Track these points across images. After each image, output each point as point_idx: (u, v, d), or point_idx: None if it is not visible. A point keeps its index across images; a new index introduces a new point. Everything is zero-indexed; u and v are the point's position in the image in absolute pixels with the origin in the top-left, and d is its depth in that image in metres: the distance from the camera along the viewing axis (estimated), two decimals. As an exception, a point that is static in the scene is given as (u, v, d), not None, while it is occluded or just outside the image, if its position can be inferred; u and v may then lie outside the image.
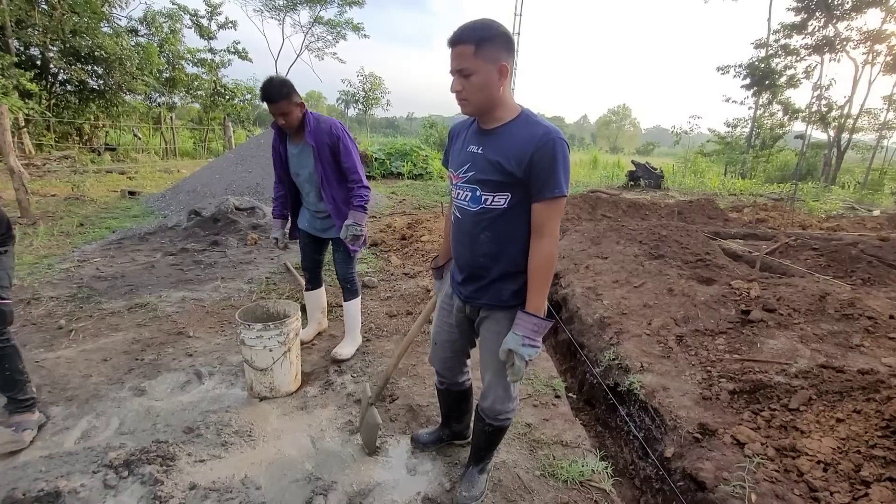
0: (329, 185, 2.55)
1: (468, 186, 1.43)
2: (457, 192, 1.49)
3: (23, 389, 2.05)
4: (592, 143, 64.70)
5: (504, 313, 1.52)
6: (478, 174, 1.40)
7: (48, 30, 13.34)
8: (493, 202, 1.40)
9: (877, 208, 12.56)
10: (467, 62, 1.28)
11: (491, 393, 1.61)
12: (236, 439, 2.07)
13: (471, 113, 1.40)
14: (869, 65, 19.43)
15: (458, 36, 1.28)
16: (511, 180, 1.35)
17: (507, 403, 1.63)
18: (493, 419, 1.65)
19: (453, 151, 1.54)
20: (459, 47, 1.28)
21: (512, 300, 1.50)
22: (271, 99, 2.32)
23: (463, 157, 1.46)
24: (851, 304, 3.01)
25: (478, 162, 1.40)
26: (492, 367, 1.58)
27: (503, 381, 1.58)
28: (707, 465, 1.99)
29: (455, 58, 1.29)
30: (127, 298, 3.67)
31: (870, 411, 2.00)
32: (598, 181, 16.77)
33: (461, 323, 1.68)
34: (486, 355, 1.60)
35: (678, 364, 2.74)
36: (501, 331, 1.51)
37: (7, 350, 1.97)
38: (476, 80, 1.29)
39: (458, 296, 1.63)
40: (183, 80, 19.22)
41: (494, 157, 1.36)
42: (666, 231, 5.14)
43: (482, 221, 1.43)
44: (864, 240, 6.16)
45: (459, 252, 1.54)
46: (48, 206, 6.99)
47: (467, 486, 1.78)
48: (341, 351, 2.87)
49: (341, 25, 22.24)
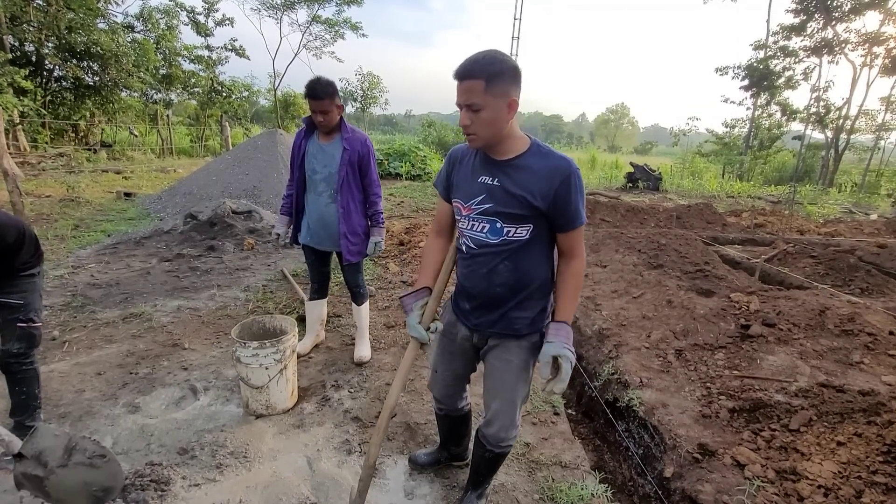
0: (347, 190, 2.63)
1: (485, 218, 1.41)
2: (469, 224, 1.45)
3: (32, 416, 2.03)
4: (591, 141, 64.73)
5: (516, 342, 1.52)
6: (498, 206, 1.38)
7: (43, 26, 13.22)
8: (514, 234, 1.40)
9: (874, 211, 12.60)
10: (477, 98, 1.25)
11: (497, 421, 1.59)
12: (231, 461, 2.04)
13: (479, 147, 1.39)
14: (867, 67, 19.48)
15: (467, 70, 1.25)
16: (534, 213, 1.37)
17: (512, 431, 1.61)
18: (496, 446, 1.63)
19: (458, 180, 1.49)
20: (468, 82, 1.25)
21: (525, 329, 1.50)
22: (317, 96, 2.41)
23: (475, 188, 1.42)
24: (851, 320, 3.00)
25: (496, 194, 1.38)
26: (500, 396, 1.56)
27: (511, 410, 1.57)
28: (707, 486, 1.98)
29: (464, 92, 1.26)
30: (122, 307, 3.63)
31: (871, 435, 1.98)
32: (597, 182, 16.77)
33: (466, 351, 1.65)
34: (493, 383, 1.58)
35: (677, 379, 2.73)
36: (512, 359, 1.52)
37: (29, 373, 1.97)
38: (485, 116, 1.28)
39: (464, 324, 1.60)
40: (179, 77, 19.10)
41: (518, 191, 1.35)
42: (665, 239, 5.13)
43: (503, 252, 1.42)
44: (862, 246, 6.17)
45: (473, 282, 1.50)
46: (42, 208, 6.93)
47: None
48: (362, 354, 3.00)
49: (339, 24, 22.09)
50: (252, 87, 22.96)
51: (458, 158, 1.52)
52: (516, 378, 1.54)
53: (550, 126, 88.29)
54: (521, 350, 1.52)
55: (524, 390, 1.58)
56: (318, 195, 2.67)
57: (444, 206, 1.61)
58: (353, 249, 2.71)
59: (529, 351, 1.53)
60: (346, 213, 2.63)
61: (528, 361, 1.55)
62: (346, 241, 2.67)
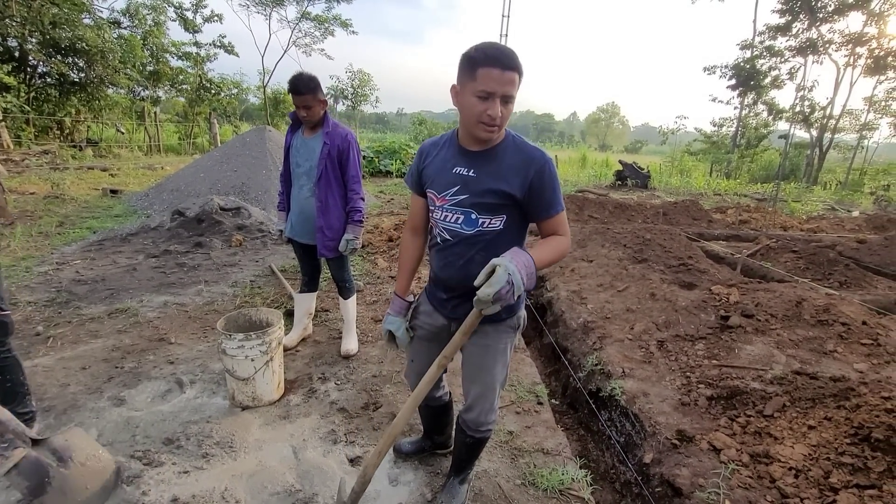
0: (325, 184, 2.63)
1: (459, 209, 1.42)
2: (443, 215, 1.45)
3: (23, 402, 2.03)
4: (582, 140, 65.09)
5: (493, 326, 1.54)
6: (473, 198, 1.39)
7: (27, 21, 12.97)
8: (489, 224, 1.42)
9: (856, 209, 12.86)
10: (515, 90, 1.27)
11: (477, 406, 1.62)
12: (217, 450, 2.06)
13: (495, 139, 1.38)
14: (850, 67, 19.84)
15: (513, 61, 1.23)
16: (508, 203, 1.39)
17: (491, 415, 1.64)
18: (476, 431, 1.67)
19: (431, 172, 1.49)
20: (512, 73, 1.24)
21: (503, 314, 1.51)
22: (299, 91, 2.44)
23: (449, 178, 1.42)
24: (826, 310, 3.09)
25: (471, 185, 1.39)
26: (480, 380, 1.59)
27: (490, 394, 1.60)
28: (684, 471, 2.03)
29: (507, 83, 1.24)
30: (107, 303, 3.61)
31: (840, 419, 2.05)
32: (587, 180, 16.90)
33: (442, 341, 1.63)
34: (472, 369, 1.61)
35: (659, 369, 2.79)
36: (490, 343, 1.55)
37: (9, 361, 1.97)
38: (511, 108, 1.31)
39: (441, 314, 1.62)
40: (167, 74, 18.87)
41: (494, 182, 1.36)
42: (650, 234, 5.20)
43: (478, 243, 1.43)
44: (843, 242, 6.31)
45: (449, 274, 1.52)
46: (26, 205, 6.83)
47: (448, 496, 1.80)
48: (350, 347, 3.01)
49: (329, 21, 21.99)
50: (241, 84, 22.76)
51: (428, 151, 1.53)
52: (494, 362, 1.56)
53: (542, 125, 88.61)
54: (498, 334, 1.54)
55: (503, 374, 1.61)
56: (300, 188, 2.71)
57: (418, 202, 1.62)
58: (329, 245, 2.70)
59: (507, 335, 1.57)
60: (324, 207, 2.64)
61: (506, 345, 1.58)
62: (322, 234, 2.68)
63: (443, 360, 1.45)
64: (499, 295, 1.19)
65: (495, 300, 1.21)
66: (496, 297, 1.20)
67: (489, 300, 1.20)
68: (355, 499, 1.57)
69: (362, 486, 1.56)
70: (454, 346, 1.43)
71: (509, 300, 1.22)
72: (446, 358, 1.45)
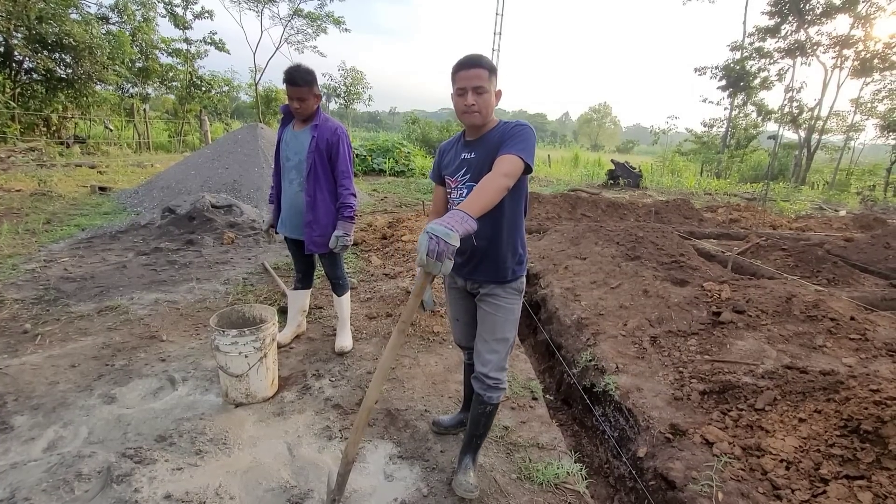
0: (314, 179, 2.59)
1: (466, 185, 1.72)
2: (458, 194, 1.76)
3: None
4: (574, 140, 65.40)
5: (501, 288, 1.77)
6: (475, 174, 1.67)
7: (12, 15, 12.74)
8: None
9: (843, 208, 13.07)
10: (484, 82, 1.59)
11: (491, 360, 1.77)
12: (211, 447, 2.04)
13: (479, 122, 1.66)
14: (838, 69, 20.14)
15: (476, 61, 1.59)
16: None
17: (502, 373, 1.80)
18: (488, 388, 1.77)
19: (446, 163, 1.82)
20: (477, 70, 1.58)
21: (509, 276, 1.76)
22: (295, 82, 2.43)
23: (458, 163, 1.74)
24: (815, 306, 3.13)
25: (473, 165, 1.69)
26: (493, 335, 1.78)
27: (502, 348, 1.79)
28: (677, 464, 2.05)
29: (474, 77, 1.58)
30: (97, 301, 3.55)
31: (829, 411, 2.08)
32: (580, 179, 16.99)
33: (467, 298, 1.93)
34: (486, 326, 1.80)
35: (652, 365, 2.81)
36: (500, 303, 1.78)
37: None
38: (486, 98, 1.62)
39: (458, 275, 1.86)
40: (157, 71, 18.63)
41: (487, 157, 1.63)
42: (643, 232, 5.24)
43: None
44: (831, 240, 6.41)
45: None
46: (12, 203, 6.72)
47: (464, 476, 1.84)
48: (344, 344, 3.00)
49: (321, 19, 21.82)
50: (232, 81, 22.53)
51: (445, 149, 1.88)
52: (505, 319, 1.78)
53: (534, 124, 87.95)
54: (507, 294, 1.77)
55: (513, 332, 1.81)
56: (290, 183, 2.67)
57: (439, 190, 1.91)
58: (317, 240, 2.64)
59: (514, 297, 1.79)
60: (313, 202, 2.60)
61: (514, 305, 1.80)
62: (309, 230, 2.63)
63: (402, 325, 1.48)
64: (431, 252, 1.23)
65: (437, 257, 1.24)
66: (431, 254, 1.24)
67: (424, 263, 1.26)
68: (341, 482, 1.60)
69: (346, 468, 1.58)
70: (410, 309, 1.46)
71: (447, 250, 1.25)
72: (405, 323, 1.47)
